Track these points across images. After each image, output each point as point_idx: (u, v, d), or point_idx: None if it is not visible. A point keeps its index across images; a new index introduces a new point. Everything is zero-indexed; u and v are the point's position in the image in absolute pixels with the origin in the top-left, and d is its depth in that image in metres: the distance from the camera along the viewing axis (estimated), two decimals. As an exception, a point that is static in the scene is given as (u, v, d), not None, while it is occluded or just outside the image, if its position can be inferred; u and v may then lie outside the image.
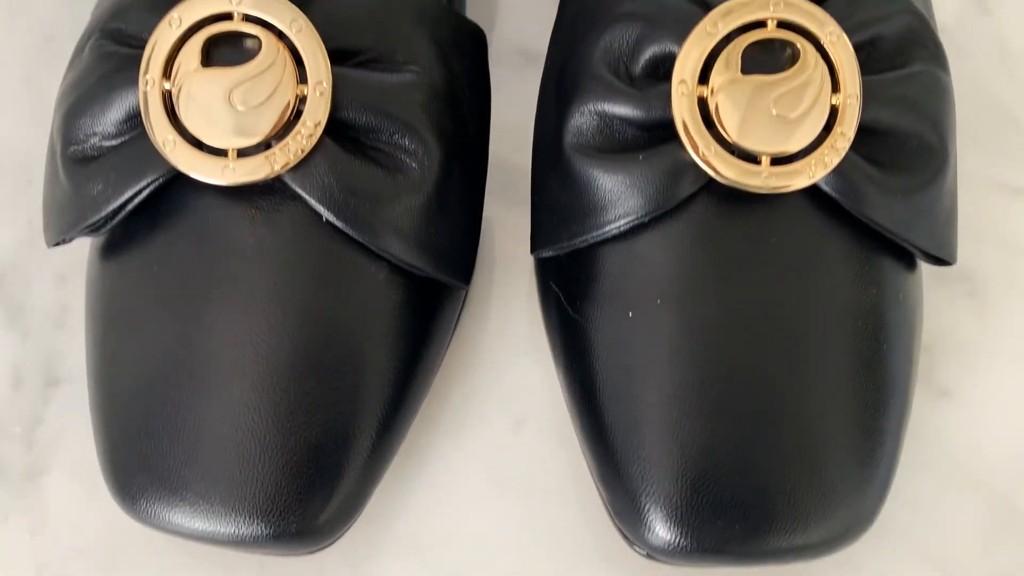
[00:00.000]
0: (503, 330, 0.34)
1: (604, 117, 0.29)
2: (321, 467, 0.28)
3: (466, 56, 0.32)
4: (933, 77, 0.29)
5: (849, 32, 0.28)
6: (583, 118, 0.29)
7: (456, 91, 0.31)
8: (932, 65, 0.30)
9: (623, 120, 0.28)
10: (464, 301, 0.33)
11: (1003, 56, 0.41)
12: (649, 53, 0.28)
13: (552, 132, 0.30)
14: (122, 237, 0.30)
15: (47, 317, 0.35)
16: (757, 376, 0.28)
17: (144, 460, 0.28)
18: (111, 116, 0.29)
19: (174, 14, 0.28)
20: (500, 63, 0.41)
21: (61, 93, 0.30)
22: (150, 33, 0.29)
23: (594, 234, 0.29)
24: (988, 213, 0.37)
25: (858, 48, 0.28)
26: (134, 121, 0.29)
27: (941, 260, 0.31)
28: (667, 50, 0.28)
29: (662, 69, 0.28)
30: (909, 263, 0.31)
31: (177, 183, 0.28)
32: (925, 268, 0.33)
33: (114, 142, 0.29)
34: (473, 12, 0.42)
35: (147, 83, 0.28)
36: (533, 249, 0.31)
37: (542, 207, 0.31)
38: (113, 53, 0.29)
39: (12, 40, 0.41)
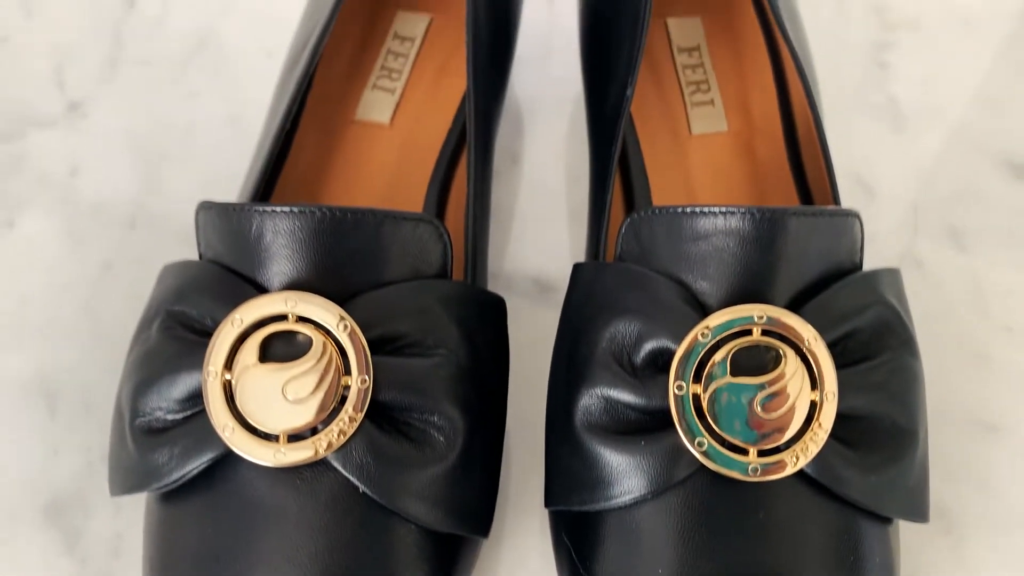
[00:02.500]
0: (516, 572, 0.37)
1: (610, 401, 0.32)
2: None
3: (488, 328, 0.36)
4: (904, 364, 0.33)
5: (827, 327, 0.32)
6: (591, 400, 0.33)
7: (480, 364, 0.34)
8: (903, 352, 0.33)
9: (627, 405, 0.32)
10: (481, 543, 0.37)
11: (977, 293, 0.45)
12: (649, 347, 0.32)
13: (564, 407, 0.33)
14: (180, 492, 0.33)
15: (104, 545, 0.38)
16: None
17: None
18: (175, 394, 0.33)
19: (236, 315, 0.32)
20: (516, 292, 0.45)
21: (130, 366, 0.34)
22: (211, 319, 0.33)
23: (601, 504, 0.32)
24: (962, 450, 0.41)
25: (835, 343, 0.32)
26: (196, 400, 0.32)
27: (914, 518, 0.34)
28: (664, 346, 0.32)
29: (660, 361, 0.32)
30: (885, 520, 0.34)
31: (233, 454, 0.32)
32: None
33: (178, 416, 0.33)
34: (491, 246, 0.46)
35: (210, 374, 0.32)
36: (547, 504, 0.35)
37: (555, 470, 0.34)
38: (179, 337, 0.33)
39: (76, 268, 0.45)
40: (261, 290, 0.33)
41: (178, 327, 0.33)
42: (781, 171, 0.43)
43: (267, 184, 0.41)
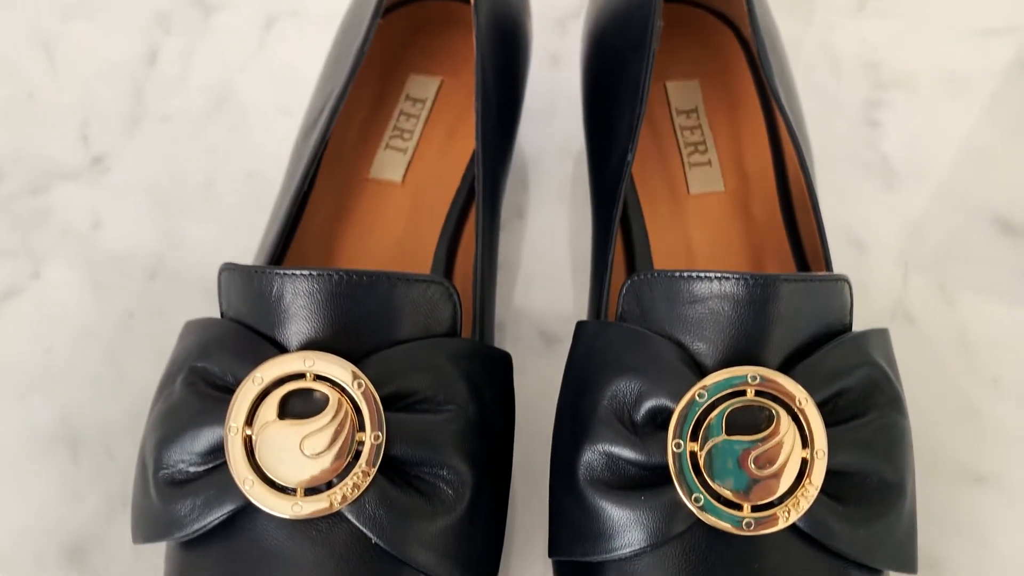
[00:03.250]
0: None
1: (611, 457, 0.34)
2: None
3: (495, 383, 0.37)
4: (891, 422, 0.35)
5: (818, 387, 0.34)
6: (594, 455, 0.34)
7: (487, 419, 0.36)
8: (890, 410, 0.35)
9: (627, 461, 0.34)
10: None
11: (964, 346, 0.46)
12: (648, 406, 0.34)
13: (567, 461, 0.35)
14: (200, 540, 0.35)
15: (124, 589, 0.40)
16: None
17: None
18: (198, 448, 0.34)
19: (257, 373, 0.33)
20: (521, 343, 0.47)
21: (154, 419, 0.36)
22: (233, 376, 0.34)
23: (603, 556, 0.34)
24: (952, 501, 0.42)
25: (826, 402, 0.34)
26: (218, 454, 0.34)
27: (903, 568, 0.35)
28: (663, 404, 0.34)
29: (659, 419, 0.34)
30: (875, 571, 0.35)
31: (252, 506, 0.34)
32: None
33: (200, 469, 0.34)
34: (497, 297, 0.48)
35: (231, 429, 0.33)
36: (551, 554, 0.36)
37: (558, 521, 0.36)
38: (202, 393, 0.35)
39: (99, 317, 0.47)
40: (280, 349, 0.34)
41: (201, 383, 0.35)
42: (776, 229, 0.45)
43: (285, 240, 0.43)
